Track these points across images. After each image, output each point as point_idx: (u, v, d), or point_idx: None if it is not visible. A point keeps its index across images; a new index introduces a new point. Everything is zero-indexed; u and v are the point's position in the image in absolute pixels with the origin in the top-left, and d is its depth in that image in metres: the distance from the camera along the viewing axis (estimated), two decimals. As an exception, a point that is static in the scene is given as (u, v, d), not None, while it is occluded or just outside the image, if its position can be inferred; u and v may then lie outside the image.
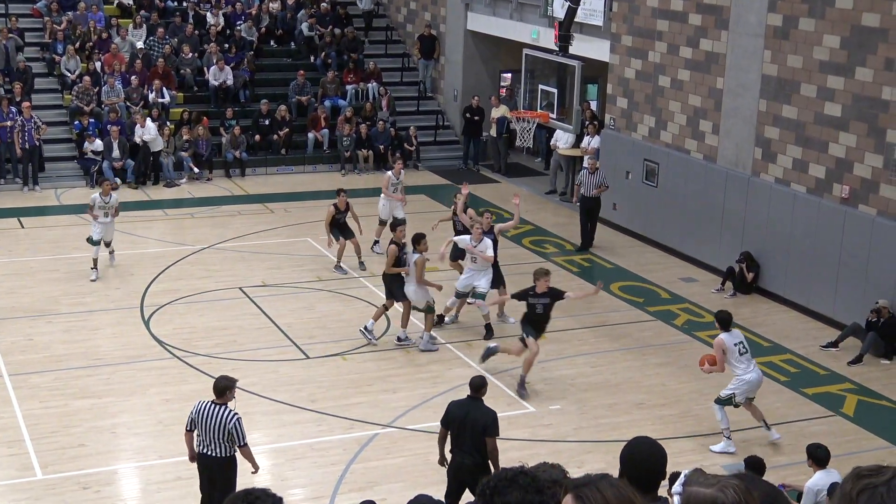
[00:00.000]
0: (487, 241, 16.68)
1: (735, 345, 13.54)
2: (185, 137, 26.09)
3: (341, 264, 19.85)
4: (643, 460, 4.58)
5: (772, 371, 16.20)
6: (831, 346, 17.10)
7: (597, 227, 22.37)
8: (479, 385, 11.15)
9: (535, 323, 14.99)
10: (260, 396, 14.67)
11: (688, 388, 15.56)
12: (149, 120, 25.48)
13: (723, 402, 13.61)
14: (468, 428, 10.86)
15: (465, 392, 14.74)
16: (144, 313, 17.64)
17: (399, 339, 16.65)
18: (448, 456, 11.13)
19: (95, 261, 19.02)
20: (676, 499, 3.59)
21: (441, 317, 17.28)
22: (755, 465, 10.26)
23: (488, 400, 11.31)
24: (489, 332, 16.94)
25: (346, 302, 18.43)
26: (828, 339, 17.32)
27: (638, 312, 18.56)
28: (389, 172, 21.24)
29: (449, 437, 11.05)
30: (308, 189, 25.88)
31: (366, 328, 16.58)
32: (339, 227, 19.77)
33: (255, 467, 11.10)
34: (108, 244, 19.50)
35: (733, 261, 19.58)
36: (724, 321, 13.68)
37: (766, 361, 16.58)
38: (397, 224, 16.95)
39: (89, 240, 19.15)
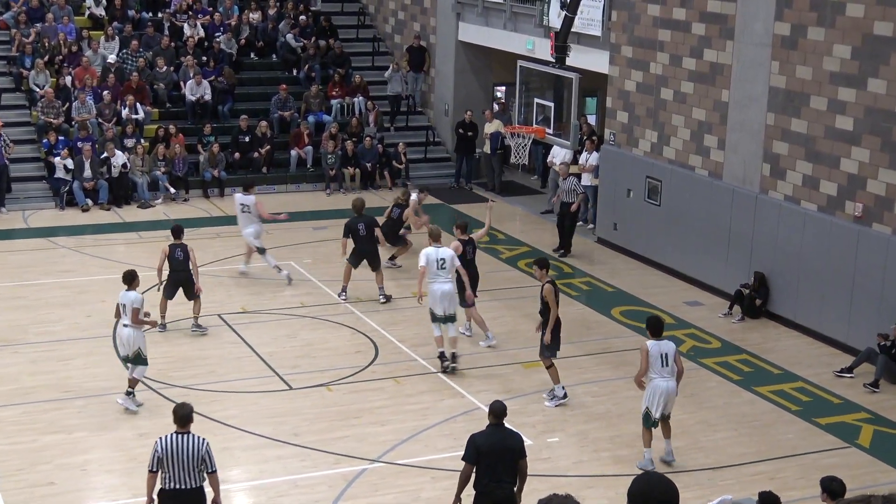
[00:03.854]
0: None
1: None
2: (160, 156, 26.10)
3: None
4: (656, 498, 4.53)
5: (783, 400, 16.21)
6: (845, 372, 17.10)
7: (573, 234, 22.96)
8: (502, 411, 11.21)
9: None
10: (240, 430, 14.63)
11: (694, 418, 15.54)
12: (118, 152, 25.44)
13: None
14: (505, 456, 11.01)
15: (458, 424, 14.86)
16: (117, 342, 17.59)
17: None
18: (463, 496, 11.12)
19: None
20: None
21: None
22: (769, 502, 10.24)
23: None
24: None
25: (331, 329, 18.41)
26: (841, 365, 17.33)
27: (641, 339, 18.43)
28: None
29: (475, 472, 11.03)
30: (291, 210, 25.82)
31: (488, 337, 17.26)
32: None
33: (218, 502, 11.06)
34: None
35: (740, 283, 19.60)
36: None
37: (777, 390, 16.60)
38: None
39: None
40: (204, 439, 10.89)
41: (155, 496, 10.93)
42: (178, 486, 10.76)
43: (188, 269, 17.69)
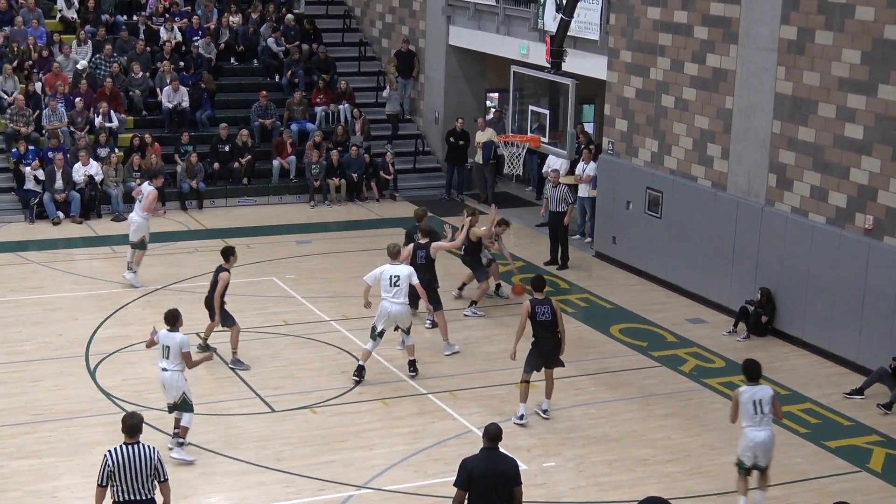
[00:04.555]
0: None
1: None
2: (135, 166, 26.07)
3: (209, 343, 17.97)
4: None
5: (790, 422, 16.22)
6: (856, 393, 17.13)
7: (568, 244, 23.09)
8: (497, 434, 11.20)
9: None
10: (220, 455, 14.61)
11: (697, 441, 15.57)
12: (92, 161, 25.52)
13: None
14: (499, 482, 10.98)
15: (450, 448, 14.86)
16: (90, 363, 17.57)
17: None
18: None
19: None
20: None
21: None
22: None
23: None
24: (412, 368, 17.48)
25: (315, 348, 18.41)
26: (852, 385, 17.36)
27: (641, 358, 18.58)
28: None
29: (468, 498, 11.02)
30: (273, 223, 25.89)
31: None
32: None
33: None
34: None
35: (745, 300, 19.64)
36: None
37: (784, 411, 16.58)
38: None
39: None
40: (155, 448, 11.10)
41: None
42: (130, 498, 10.94)
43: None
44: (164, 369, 14.37)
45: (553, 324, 15.64)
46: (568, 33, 19.91)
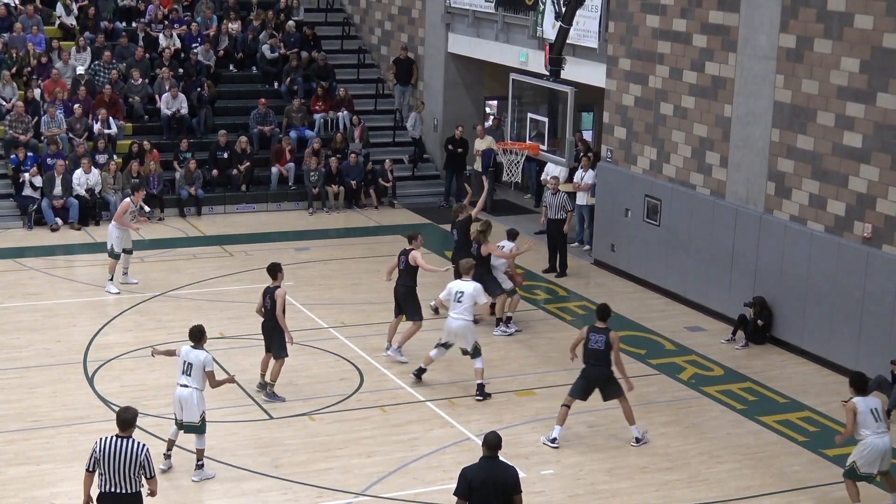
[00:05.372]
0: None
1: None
2: (134, 173, 26.07)
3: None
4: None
5: (789, 430, 16.23)
6: (854, 402, 17.14)
7: (567, 251, 23.12)
8: (496, 443, 11.20)
9: None
10: (218, 461, 14.60)
11: (696, 449, 15.56)
12: (94, 169, 25.54)
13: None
14: (499, 490, 10.98)
15: (448, 455, 14.85)
16: (88, 369, 17.56)
17: None
18: None
19: None
20: None
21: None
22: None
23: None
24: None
25: (313, 356, 18.40)
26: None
27: (639, 366, 18.56)
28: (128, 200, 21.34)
29: None
30: (271, 229, 25.88)
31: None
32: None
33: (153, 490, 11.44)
34: None
35: (743, 302, 19.62)
36: None
37: (783, 419, 16.62)
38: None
39: None
40: (144, 445, 11.21)
41: (93, 495, 11.26)
42: (115, 490, 11.12)
43: (275, 318, 16.34)
44: (185, 385, 14.05)
45: (603, 354, 15.40)
46: (567, 41, 19.92)
